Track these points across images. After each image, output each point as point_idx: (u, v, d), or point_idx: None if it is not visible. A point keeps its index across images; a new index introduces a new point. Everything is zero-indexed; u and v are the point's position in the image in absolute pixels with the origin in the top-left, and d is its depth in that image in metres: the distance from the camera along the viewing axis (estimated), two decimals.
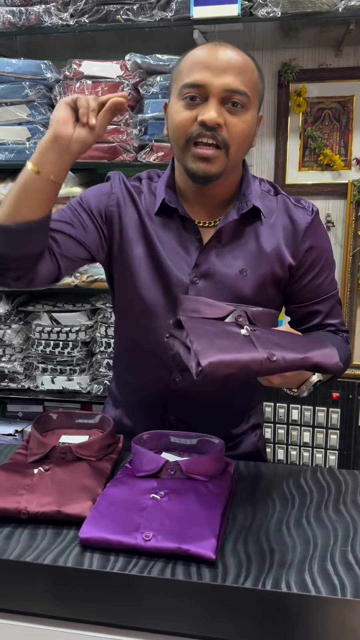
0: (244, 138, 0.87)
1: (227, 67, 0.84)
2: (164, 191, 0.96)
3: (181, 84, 0.86)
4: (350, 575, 0.66)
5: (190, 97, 0.85)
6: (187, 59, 0.88)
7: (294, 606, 0.64)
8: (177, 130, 0.87)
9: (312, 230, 0.96)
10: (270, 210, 0.97)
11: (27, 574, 0.70)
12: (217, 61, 0.84)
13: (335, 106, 1.99)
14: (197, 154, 0.86)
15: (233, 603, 0.65)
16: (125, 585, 0.68)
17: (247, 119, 0.86)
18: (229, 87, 0.84)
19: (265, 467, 0.94)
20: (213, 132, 0.84)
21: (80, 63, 1.65)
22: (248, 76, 0.86)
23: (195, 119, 0.85)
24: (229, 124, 0.85)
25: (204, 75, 0.84)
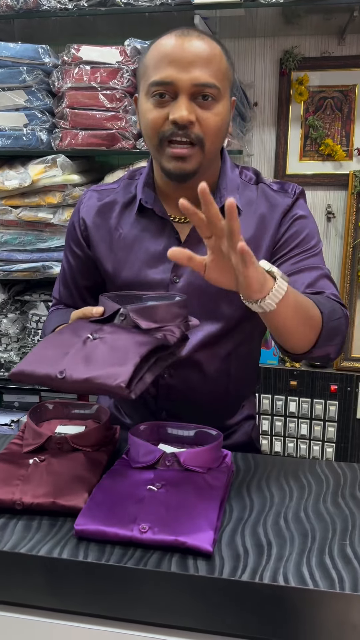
0: (218, 131, 0.85)
1: (194, 59, 0.81)
2: (142, 190, 0.95)
3: (148, 81, 0.84)
4: (348, 569, 0.66)
5: (159, 94, 0.83)
6: (152, 52, 0.84)
7: (291, 600, 0.64)
8: (149, 129, 0.86)
9: (292, 212, 0.94)
10: (249, 200, 0.95)
11: (22, 566, 0.69)
12: (183, 54, 0.81)
13: (337, 95, 1.97)
14: (172, 153, 0.84)
15: (230, 596, 0.65)
16: (121, 577, 0.67)
17: (219, 110, 0.84)
18: (197, 82, 0.81)
19: (263, 459, 0.93)
20: (185, 131, 0.82)
21: (79, 48, 1.62)
22: (216, 66, 0.83)
23: (167, 118, 0.83)
24: (201, 119, 0.83)
25: (170, 72, 0.81)
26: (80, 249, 1.01)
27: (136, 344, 0.74)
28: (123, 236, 0.97)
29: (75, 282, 1.05)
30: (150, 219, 0.95)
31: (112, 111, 1.64)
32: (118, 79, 1.62)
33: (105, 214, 0.98)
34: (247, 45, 1.97)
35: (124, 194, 0.99)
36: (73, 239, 1.02)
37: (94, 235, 0.99)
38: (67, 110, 1.65)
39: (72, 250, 1.03)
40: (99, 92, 1.63)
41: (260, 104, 2.02)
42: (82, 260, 1.02)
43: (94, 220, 0.99)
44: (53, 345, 0.77)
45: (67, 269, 1.06)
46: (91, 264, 1.01)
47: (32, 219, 1.72)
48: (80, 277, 1.04)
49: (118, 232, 0.97)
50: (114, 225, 0.98)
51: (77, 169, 1.73)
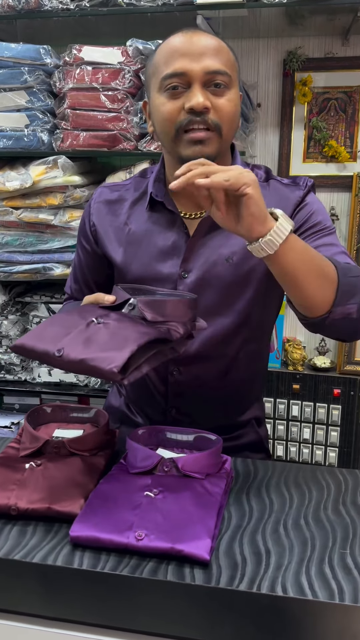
0: (233, 117, 0.87)
1: (204, 50, 0.84)
2: (153, 185, 0.96)
3: (161, 76, 0.85)
4: (348, 580, 0.64)
5: (172, 87, 0.84)
6: (161, 51, 0.87)
7: (290, 611, 0.62)
8: (165, 122, 0.86)
9: (304, 202, 0.93)
10: None
11: (16, 572, 0.68)
12: (192, 46, 0.84)
13: (341, 96, 1.95)
14: (191, 138, 0.85)
15: (227, 606, 0.63)
16: (116, 585, 0.66)
17: (232, 97, 0.86)
18: (209, 69, 0.84)
19: (263, 465, 0.91)
20: (203, 117, 0.84)
21: (81, 48, 1.61)
22: (225, 56, 0.86)
23: (182, 108, 0.84)
24: (216, 105, 0.85)
25: (183, 63, 0.83)
26: (90, 244, 1.03)
27: (138, 332, 0.73)
28: (132, 231, 0.97)
29: (85, 277, 1.07)
30: (160, 213, 0.96)
31: (113, 112, 1.63)
32: (120, 80, 1.61)
33: (115, 210, 1.00)
34: (250, 46, 1.96)
35: (134, 191, 1.00)
36: (84, 235, 1.04)
37: (103, 231, 1.00)
38: (68, 111, 1.65)
39: (83, 247, 1.04)
40: (100, 92, 1.62)
41: (264, 105, 2.01)
42: (91, 256, 1.03)
43: (104, 215, 1.00)
44: (58, 323, 0.78)
45: (78, 264, 1.07)
46: (100, 259, 1.02)
47: (33, 220, 1.71)
48: (89, 272, 1.06)
49: (127, 228, 0.98)
50: (123, 221, 0.98)
51: (78, 170, 1.72)
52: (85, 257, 1.05)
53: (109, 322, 0.76)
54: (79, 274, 1.08)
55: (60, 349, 0.71)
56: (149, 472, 0.81)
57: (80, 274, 1.08)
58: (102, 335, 0.74)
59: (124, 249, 0.98)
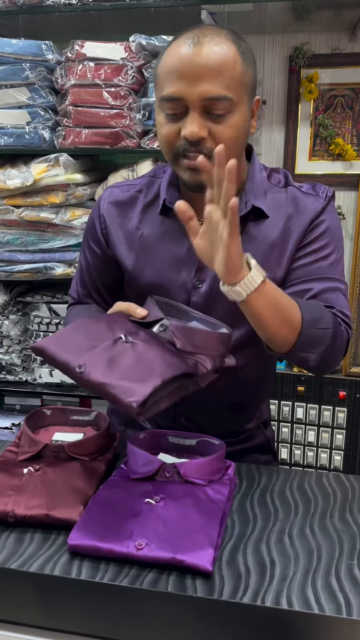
0: (234, 142, 0.81)
1: (203, 71, 0.77)
2: (166, 190, 0.93)
3: (160, 94, 0.82)
4: (356, 592, 0.62)
5: (170, 110, 0.81)
6: (164, 62, 0.82)
7: (295, 625, 0.60)
8: (163, 143, 0.84)
9: (322, 216, 0.91)
10: (278, 204, 0.91)
11: (12, 582, 0.66)
12: (191, 67, 0.77)
13: (348, 93, 1.92)
14: (187, 165, 0.82)
15: (230, 619, 0.61)
16: (115, 596, 0.64)
17: (233, 122, 0.80)
18: (206, 96, 0.78)
19: (267, 470, 0.89)
20: (198, 147, 0.80)
21: (83, 44, 1.59)
22: (229, 74, 0.78)
23: (179, 133, 0.81)
24: (214, 132, 0.79)
25: (179, 87, 0.78)
26: (100, 247, 0.99)
27: (165, 363, 0.71)
28: (145, 236, 0.95)
29: (93, 281, 1.03)
30: (173, 219, 0.92)
31: (116, 109, 1.61)
32: (122, 76, 1.59)
33: (127, 213, 0.96)
34: (256, 42, 1.93)
35: (146, 193, 0.97)
36: (92, 236, 1.00)
37: (114, 234, 0.96)
38: (70, 108, 1.62)
39: (91, 248, 1.00)
40: (103, 89, 1.60)
41: (269, 102, 1.98)
42: (101, 259, 1.00)
43: (115, 218, 0.97)
44: (84, 331, 0.76)
45: (85, 267, 1.03)
46: (110, 262, 0.99)
47: (34, 219, 1.69)
48: (98, 276, 1.02)
49: (140, 232, 0.95)
50: (135, 225, 0.95)
51: (80, 167, 1.70)
52: (94, 260, 1.01)
53: (137, 342, 0.74)
54: (86, 278, 1.04)
55: (82, 364, 0.69)
56: (150, 478, 0.79)
57: (88, 277, 1.03)
58: (127, 357, 0.71)
59: (135, 255, 0.95)
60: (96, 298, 1.04)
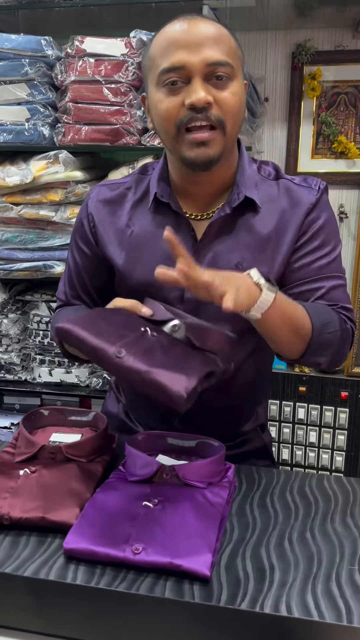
0: (237, 110, 0.82)
1: (203, 39, 0.78)
2: (157, 184, 0.91)
3: (158, 70, 0.80)
4: (357, 599, 0.61)
5: (171, 82, 0.79)
6: (157, 42, 0.81)
7: (294, 632, 0.59)
8: (164, 120, 0.81)
9: (315, 211, 0.90)
10: (269, 196, 0.90)
11: (6, 586, 0.65)
12: (190, 36, 0.78)
13: (352, 91, 1.90)
14: (192, 139, 0.80)
15: (228, 626, 0.60)
16: (111, 601, 0.62)
17: (235, 89, 0.81)
18: (209, 61, 0.78)
19: (267, 472, 0.88)
20: (205, 113, 0.78)
21: (83, 40, 1.57)
22: (227, 44, 0.80)
23: (182, 104, 0.79)
24: (219, 99, 0.79)
25: (181, 55, 0.78)
26: (89, 247, 0.97)
27: (195, 359, 0.70)
28: (135, 234, 0.93)
29: (82, 282, 1.01)
30: (164, 215, 0.91)
31: (116, 105, 1.59)
32: (123, 72, 1.57)
33: (116, 211, 0.94)
34: (258, 38, 1.91)
35: (135, 190, 0.94)
36: (81, 236, 0.98)
37: (104, 232, 0.95)
38: (70, 105, 1.61)
39: (80, 249, 0.98)
40: (103, 85, 1.58)
41: (271, 99, 1.97)
42: (90, 259, 0.98)
43: (104, 216, 0.95)
44: (106, 319, 0.72)
45: (74, 268, 1.01)
46: (100, 262, 0.97)
47: (33, 217, 1.68)
48: (88, 277, 1.00)
49: (130, 230, 0.93)
50: (124, 223, 0.93)
51: (80, 165, 1.68)
52: (83, 260, 0.99)
53: (162, 337, 0.72)
54: (75, 279, 1.01)
55: (120, 350, 0.65)
56: (148, 481, 0.78)
57: (77, 279, 1.01)
58: (160, 350, 0.69)
59: (126, 253, 0.93)
60: (85, 300, 1.02)
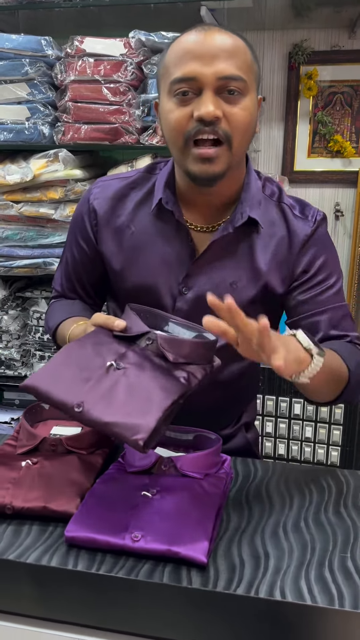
0: (247, 127, 0.80)
1: (217, 52, 0.77)
2: (162, 190, 0.90)
3: (170, 79, 0.79)
4: (349, 585, 0.63)
5: (182, 92, 0.78)
6: (172, 51, 0.81)
7: (288, 616, 0.61)
8: (173, 130, 0.81)
9: (312, 243, 0.90)
10: (270, 220, 0.91)
11: (9, 573, 0.67)
12: (204, 48, 0.77)
13: (348, 90, 1.92)
14: (198, 155, 0.79)
15: (224, 610, 0.62)
16: (111, 587, 0.64)
17: (247, 105, 0.79)
18: (222, 74, 0.77)
19: (263, 465, 0.90)
20: (212, 127, 0.78)
21: (83, 40, 1.59)
22: (241, 58, 0.79)
23: (191, 116, 0.78)
24: (228, 114, 0.78)
25: (193, 66, 0.77)
26: (88, 244, 0.96)
27: (161, 389, 0.70)
28: (135, 235, 0.92)
29: (79, 276, 1.01)
30: (165, 221, 0.90)
31: (115, 105, 1.61)
32: (122, 72, 1.59)
33: (118, 209, 0.93)
34: (255, 38, 1.93)
35: (139, 189, 0.94)
36: (81, 232, 0.97)
37: (105, 229, 0.94)
38: (69, 104, 1.63)
39: (79, 245, 0.97)
40: (102, 85, 1.60)
41: (268, 99, 1.99)
42: (88, 256, 0.97)
43: (106, 214, 0.94)
44: (73, 362, 0.73)
45: (71, 261, 1.00)
46: (98, 260, 0.97)
47: (33, 215, 1.70)
48: (85, 272, 1.00)
49: (130, 230, 0.92)
50: (125, 222, 0.93)
51: (79, 163, 1.70)
52: (81, 256, 0.98)
53: (128, 367, 0.73)
54: (71, 272, 1.01)
55: (80, 403, 0.67)
56: (147, 472, 0.80)
57: (73, 272, 1.01)
58: (122, 388, 0.70)
59: (124, 254, 0.93)
60: (81, 293, 1.02)
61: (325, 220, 0.93)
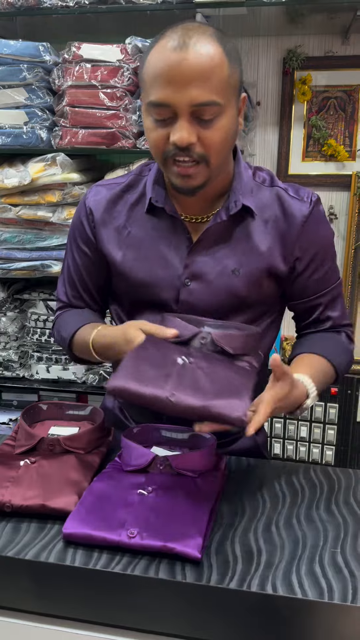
0: (222, 146, 0.82)
1: (191, 77, 0.75)
2: (152, 188, 0.93)
3: (147, 99, 0.80)
4: (338, 579, 0.65)
5: (157, 114, 0.80)
6: (149, 64, 0.79)
7: (279, 609, 0.63)
8: (152, 147, 0.84)
9: (310, 223, 0.93)
10: (263, 204, 0.93)
11: (8, 569, 0.69)
12: (178, 72, 0.75)
13: (341, 95, 1.95)
14: (177, 172, 0.83)
15: (217, 604, 0.64)
16: (108, 582, 0.66)
17: (222, 125, 0.80)
18: (196, 102, 0.77)
19: (257, 464, 0.92)
20: (187, 152, 0.80)
21: (80, 46, 1.61)
22: (217, 78, 0.77)
23: (168, 138, 0.80)
24: (203, 137, 0.79)
25: (167, 93, 0.77)
26: (89, 245, 0.98)
27: (237, 374, 0.75)
28: (132, 234, 0.94)
29: (83, 281, 1.02)
30: (160, 217, 0.93)
31: (112, 110, 1.63)
32: (119, 78, 1.61)
33: (113, 211, 0.96)
34: (250, 44, 1.95)
35: (132, 191, 0.96)
36: (81, 235, 0.99)
37: (103, 231, 0.96)
38: (67, 109, 1.65)
39: (80, 248, 0.99)
40: (99, 90, 1.62)
41: (263, 104, 2.01)
42: (90, 258, 0.99)
43: (103, 215, 0.96)
44: (146, 362, 0.75)
45: (74, 268, 1.01)
46: (101, 261, 0.98)
47: (31, 218, 1.71)
48: (89, 276, 1.01)
49: (127, 230, 0.95)
50: (122, 223, 0.95)
51: (77, 167, 1.72)
52: (83, 260, 1.00)
53: (198, 361, 0.75)
54: (76, 279, 1.02)
55: (172, 393, 0.69)
56: (143, 470, 0.82)
57: (77, 278, 1.02)
58: (203, 378, 0.72)
59: (123, 253, 0.95)
60: (87, 299, 1.03)
61: (320, 201, 0.96)
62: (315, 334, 1.01)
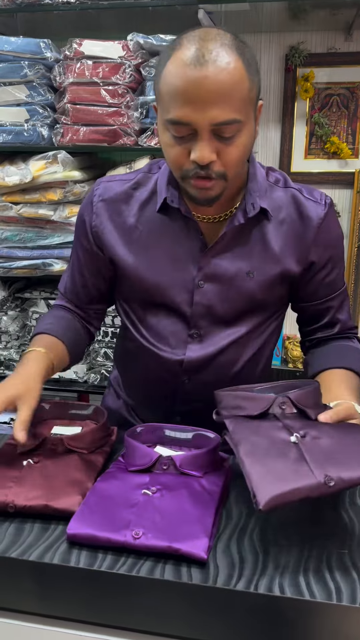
0: (241, 160, 0.81)
1: (212, 97, 0.73)
2: (165, 188, 0.91)
3: (165, 115, 0.78)
4: (346, 580, 0.64)
5: (176, 132, 0.78)
6: (166, 79, 0.76)
7: (287, 611, 0.62)
8: (171, 163, 0.83)
9: (325, 226, 0.92)
10: (278, 205, 0.92)
11: (12, 570, 0.68)
12: (199, 91, 0.73)
13: (344, 92, 1.94)
14: (195, 185, 0.81)
15: (224, 606, 0.63)
16: (113, 584, 0.65)
17: (241, 141, 0.79)
18: (216, 121, 0.75)
19: None
20: (207, 170, 0.79)
21: (81, 42, 1.60)
22: (238, 95, 0.75)
23: (188, 155, 0.79)
24: (223, 154, 0.78)
25: (186, 112, 0.75)
26: (89, 244, 0.97)
27: (348, 436, 0.74)
28: (144, 235, 0.93)
29: (84, 279, 1.01)
30: (173, 218, 0.92)
31: (113, 107, 1.62)
32: (120, 74, 1.60)
33: (122, 210, 0.94)
34: (252, 41, 1.94)
35: (142, 189, 0.94)
36: (84, 234, 0.98)
37: (109, 233, 0.94)
38: (68, 106, 1.64)
39: (82, 246, 0.98)
40: (100, 87, 1.61)
41: (265, 101, 2.00)
42: (91, 256, 0.98)
43: (109, 215, 0.94)
44: (268, 458, 0.71)
45: (76, 263, 1.01)
46: (101, 262, 0.97)
47: (32, 216, 1.70)
48: (90, 274, 1.00)
49: (138, 230, 0.93)
50: (132, 223, 0.93)
51: (78, 165, 1.71)
52: (85, 257, 0.99)
53: (313, 432, 0.74)
54: (77, 275, 1.02)
55: (327, 477, 0.66)
56: (147, 470, 0.81)
57: (78, 274, 1.02)
58: (329, 444, 0.72)
59: (134, 254, 0.93)
60: (81, 296, 1.03)
61: (333, 203, 0.96)
62: (332, 341, 1.01)
